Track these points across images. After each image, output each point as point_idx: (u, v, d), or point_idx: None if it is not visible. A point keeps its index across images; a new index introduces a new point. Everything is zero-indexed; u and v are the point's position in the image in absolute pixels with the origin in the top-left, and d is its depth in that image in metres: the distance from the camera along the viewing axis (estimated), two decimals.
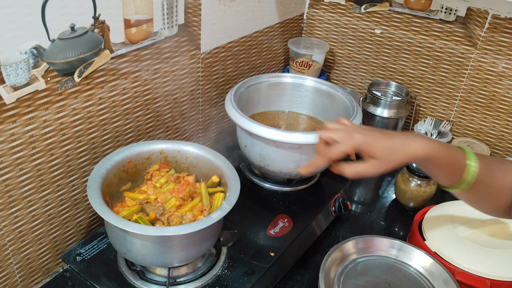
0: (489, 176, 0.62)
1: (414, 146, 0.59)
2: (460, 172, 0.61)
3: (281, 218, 0.90)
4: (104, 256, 0.78)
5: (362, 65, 1.32)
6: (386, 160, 0.60)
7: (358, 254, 0.81)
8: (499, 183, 0.62)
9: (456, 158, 0.61)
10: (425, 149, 0.59)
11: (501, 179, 0.62)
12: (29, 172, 0.73)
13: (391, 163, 0.60)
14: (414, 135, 0.62)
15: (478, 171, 0.60)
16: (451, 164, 0.61)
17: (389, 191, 1.17)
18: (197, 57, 0.99)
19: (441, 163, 0.61)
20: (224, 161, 0.79)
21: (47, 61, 0.69)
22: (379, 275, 0.78)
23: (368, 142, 0.61)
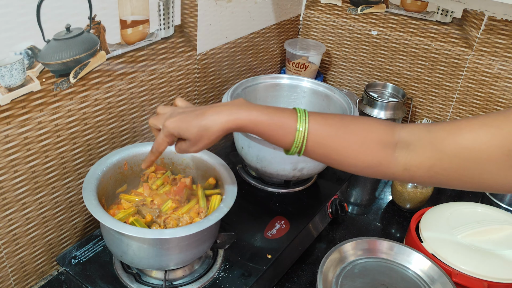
0: (331, 138, 0.56)
1: (219, 120, 0.56)
2: (290, 137, 0.56)
3: (278, 220, 0.89)
4: (99, 259, 0.77)
5: (358, 66, 1.32)
6: (198, 141, 0.58)
7: (356, 256, 0.80)
8: (349, 143, 0.56)
9: (283, 124, 0.56)
10: (233, 120, 0.56)
11: (351, 140, 0.56)
12: (23, 174, 0.72)
13: (203, 143, 0.58)
14: (226, 105, 0.58)
15: (307, 136, 0.56)
16: (276, 130, 0.56)
17: (386, 193, 1.17)
18: (193, 58, 0.98)
19: (262, 130, 0.57)
20: (221, 162, 0.79)
21: (42, 62, 0.68)
22: (377, 277, 0.77)
23: (179, 127, 0.58)
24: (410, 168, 0.55)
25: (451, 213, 0.91)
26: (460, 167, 0.52)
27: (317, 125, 0.56)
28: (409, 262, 0.79)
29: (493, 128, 0.50)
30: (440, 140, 0.53)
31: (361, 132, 0.57)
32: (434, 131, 0.54)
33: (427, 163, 0.54)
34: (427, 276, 0.77)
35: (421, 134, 0.55)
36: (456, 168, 0.52)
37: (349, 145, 0.56)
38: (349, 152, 0.56)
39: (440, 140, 0.53)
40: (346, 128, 0.57)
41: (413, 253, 0.80)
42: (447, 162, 0.52)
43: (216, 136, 0.58)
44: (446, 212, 0.91)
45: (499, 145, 0.49)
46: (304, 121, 0.56)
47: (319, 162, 0.60)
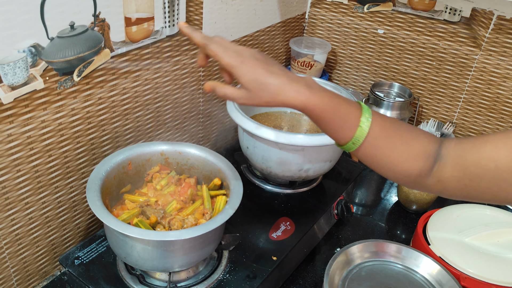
0: (384, 141, 0.54)
1: (289, 93, 0.51)
2: (350, 133, 0.53)
3: (283, 221, 0.88)
4: (103, 260, 0.76)
5: (364, 65, 1.31)
6: (254, 94, 0.52)
7: (363, 259, 0.79)
8: (399, 150, 0.54)
9: (347, 117, 0.53)
10: (302, 99, 0.51)
11: (401, 147, 0.54)
12: (26, 174, 0.71)
13: (259, 100, 0.52)
14: (299, 80, 0.52)
15: (367, 133, 0.53)
16: (338, 122, 0.53)
17: (392, 194, 1.15)
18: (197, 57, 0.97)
19: (324, 118, 0.53)
20: (226, 163, 0.78)
21: (45, 60, 0.67)
22: (384, 280, 0.76)
23: (240, 67, 0.52)
24: (442, 180, 0.54)
25: (458, 215, 0.90)
26: (484, 178, 0.51)
27: (377, 126, 0.54)
28: (416, 266, 0.78)
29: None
30: (466, 151, 0.53)
31: (410, 140, 0.55)
32: (462, 143, 0.54)
33: (456, 174, 0.53)
34: (435, 280, 0.76)
35: (451, 146, 0.55)
36: (480, 179, 0.52)
37: (398, 151, 0.55)
38: (396, 158, 0.55)
39: (466, 152, 0.53)
40: (397, 133, 0.55)
41: (420, 256, 0.78)
42: (472, 173, 0.52)
43: (282, 103, 0.52)
44: (453, 214, 0.90)
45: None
46: (367, 119, 0.53)
47: (362, 161, 0.57)
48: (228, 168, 0.77)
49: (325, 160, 0.89)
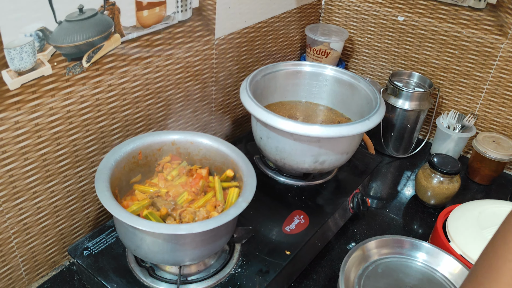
0: None
1: None
2: None
3: (297, 214, 0.85)
4: (112, 251, 0.74)
5: (382, 54, 1.26)
6: None
7: (380, 255, 0.76)
8: None
9: None
10: None
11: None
12: (34, 162, 0.69)
13: None
14: None
15: None
16: None
17: (409, 187, 1.12)
18: (211, 43, 0.94)
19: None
20: (239, 154, 0.75)
21: (53, 44, 0.64)
22: (402, 278, 0.73)
23: None
24: None
25: (480, 211, 0.86)
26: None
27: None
28: (437, 264, 0.75)
29: None
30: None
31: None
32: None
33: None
34: (456, 279, 0.73)
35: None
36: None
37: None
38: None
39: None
40: None
41: (441, 253, 0.75)
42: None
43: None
44: (475, 211, 0.86)
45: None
46: None
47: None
48: (241, 159, 0.74)
49: (342, 152, 0.86)
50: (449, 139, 1.16)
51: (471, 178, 1.16)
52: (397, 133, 1.18)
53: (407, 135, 1.18)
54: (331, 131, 0.78)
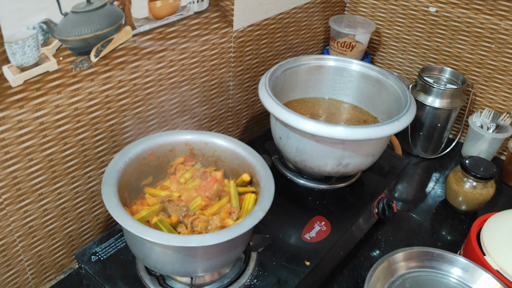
0: None
1: None
2: None
3: (317, 220, 0.80)
4: (121, 257, 0.70)
5: (411, 47, 1.19)
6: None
7: (407, 268, 0.70)
8: None
9: None
10: None
11: None
12: (39, 163, 0.65)
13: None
14: None
15: None
16: None
17: (438, 190, 1.05)
18: (229, 36, 0.88)
19: None
20: (256, 157, 0.70)
21: (59, 38, 0.60)
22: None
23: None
24: None
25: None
26: None
27: None
28: (472, 281, 0.68)
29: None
30: None
31: None
32: None
33: None
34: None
35: None
36: None
37: None
38: None
39: None
40: None
41: (476, 269, 0.69)
42: None
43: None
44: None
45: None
46: None
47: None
48: (259, 163, 0.69)
49: (367, 155, 0.80)
50: (482, 140, 1.08)
51: (506, 182, 1.08)
52: (426, 132, 1.10)
53: (437, 135, 1.11)
54: (356, 133, 0.72)
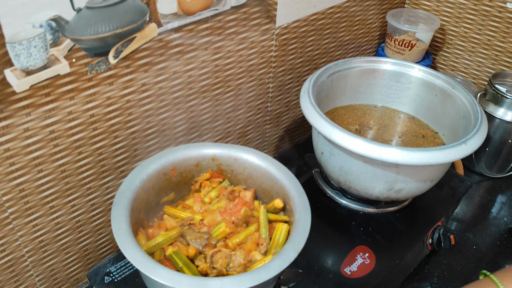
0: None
1: None
2: None
3: (360, 251, 0.69)
4: (136, 280, 0.63)
5: (481, 48, 1.03)
6: None
7: None
8: None
9: None
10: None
11: None
12: (50, 174, 0.59)
13: None
14: None
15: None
16: None
17: (503, 216, 0.91)
18: (270, 33, 0.78)
19: None
20: (292, 180, 0.60)
21: (71, 37, 0.52)
22: None
23: None
24: None
25: None
26: None
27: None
28: None
29: None
30: None
31: None
32: None
33: None
34: None
35: None
36: None
37: None
38: None
39: None
40: None
41: None
42: None
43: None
44: None
45: None
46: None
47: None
48: (295, 187, 0.59)
49: (425, 180, 0.68)
50: None
51: None
52: (493, 148, 0.96)
53: (506, 151, 0.96)
54: (414, 157, 0.60)
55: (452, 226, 0.88)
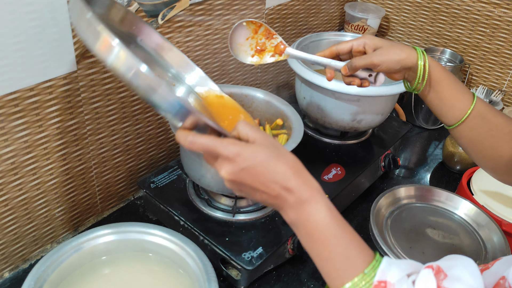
0: (490, 114, 0.63)
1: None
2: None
3: (334, 166, 0.95)
4: (175, 185, 0.86)
5: (416, 32, 1.34)
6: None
7: (408, 200, 0.86)
8: (500, 126, 0.63)
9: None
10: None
11: (503, 124, 0.63)
12: (114, 104, 0.81)
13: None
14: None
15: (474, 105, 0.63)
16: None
17: (436, 155, 1.20)
18: (261, 12, 1.04)
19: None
20: (288, 106, 0.85)
21: (138, 1, 0.76)
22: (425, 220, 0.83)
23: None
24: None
25: None
26: None
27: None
28: (458, 209, 0.84)
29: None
30: None
31: (507, 124, 0.63)
32: None
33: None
34: (477, 223, 0.82)
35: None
36: None
37: (499, 134, 0.62)
38: (499, 141, 0.62)
39: None
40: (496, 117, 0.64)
41: (463, 201, 0.84)
42: None
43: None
44: None
45: None
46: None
47: (473, 147, 0.66)
48: (290, 111, 0.84)
49: (378, 113, 0.96)
50: None
51: None
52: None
53: None
54: (369, 90, 0.88)
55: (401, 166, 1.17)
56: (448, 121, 0.66)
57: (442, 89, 0.64)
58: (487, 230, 0.80)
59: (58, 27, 0.65)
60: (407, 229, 0.80)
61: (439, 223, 0.82)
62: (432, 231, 0.81)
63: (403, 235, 0.79)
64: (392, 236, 0.78)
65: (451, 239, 0.79)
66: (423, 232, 0.80)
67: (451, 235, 0.80)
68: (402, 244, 0.77)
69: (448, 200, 0.86)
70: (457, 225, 0.82)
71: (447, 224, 0.82)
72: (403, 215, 0.84)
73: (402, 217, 0.83)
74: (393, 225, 0.81)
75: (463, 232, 0.81)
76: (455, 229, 0.81)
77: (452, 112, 0.65)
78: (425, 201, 0.87)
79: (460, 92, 0.64)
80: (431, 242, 0.78)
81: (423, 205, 0.86)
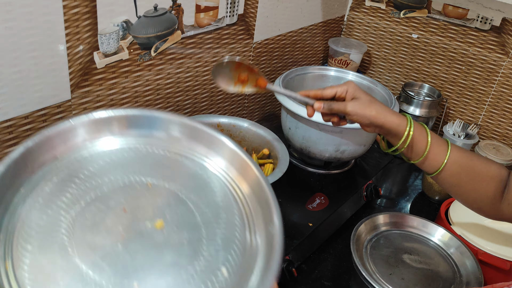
0: (466, 159, 0.65)
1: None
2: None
3: (318, 196, 0.98)
4: None
5: (397, 67, 1.41)
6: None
7: (386, 227, 0.89)
8: (478, 169, 0.65)
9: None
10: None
11: (480, 166, 0.65)
12: None
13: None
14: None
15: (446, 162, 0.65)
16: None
17: (417, 185, 1.24)
18: (249, 46, 1.09)
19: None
20: (274, 136, 0.89)
21: (132, 34, 0.79)
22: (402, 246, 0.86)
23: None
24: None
25: None
26: None
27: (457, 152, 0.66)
28: (432, 235, 0.87)
29: None
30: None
31: (485, 166, 0.66)
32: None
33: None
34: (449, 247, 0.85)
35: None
36: None
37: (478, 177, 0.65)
38: (481, 183, 0.65)
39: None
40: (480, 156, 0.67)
41: (437, 228, 0.88)
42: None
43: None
44: None
45: None
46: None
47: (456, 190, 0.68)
48: (276, 141, 0.88)
49: (360, 144, 0.99)
50: None
51: None
52: None
53: None
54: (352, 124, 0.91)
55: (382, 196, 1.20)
56: (427, 170, 0.68)
57: (417, 144, 0.67)
58: (460, 254, 0.83)
59: (55, 57, 0.68)
60: (385, 256, 0.83)
61: (415, 249, 0.85)
62: (409, 256, 0.83)
63: (382, 262, 0.81)
64: (372, 263, 0.81)
65: (427, 265, 0.82)
66: (401, 258, 0.83)
67: (427, 260, 0.83)
68: (382, 271, 0.79)
69: (423, 227, 0.89)
70: (432, 251, 0.85)
71: (422, 250, 0.85)
72: (381, 241, 0.87)
73: (380, 244, 0.86)
74: (372, 252, 0.84)
75: (437, 257, 0.84)
76: (430, 255, 0.84)
77: (428, 163, 0.67)
78: (401, 228, 0.90)
79: (435, 143, 0.66)
80: (409, 268, 0.81)
81: (400, 232, 0.89)
